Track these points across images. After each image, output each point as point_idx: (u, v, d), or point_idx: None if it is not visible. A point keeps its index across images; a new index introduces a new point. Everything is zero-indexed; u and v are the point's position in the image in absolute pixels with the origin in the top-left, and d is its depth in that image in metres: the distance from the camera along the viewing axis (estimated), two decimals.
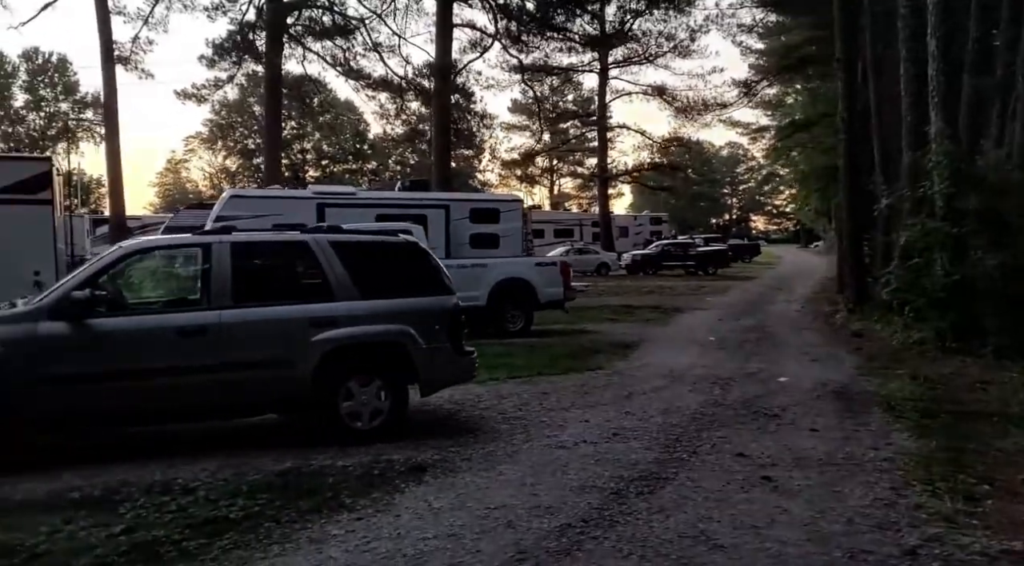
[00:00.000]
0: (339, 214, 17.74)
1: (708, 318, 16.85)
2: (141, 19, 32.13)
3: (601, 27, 36.85)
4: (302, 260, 6.11)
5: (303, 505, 4.65)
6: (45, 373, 5.32)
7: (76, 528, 4.27)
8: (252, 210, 17.53)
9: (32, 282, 10.37)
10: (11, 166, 10.82)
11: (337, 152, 76.73)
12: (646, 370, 9.75)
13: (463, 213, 18.48)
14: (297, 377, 5.87)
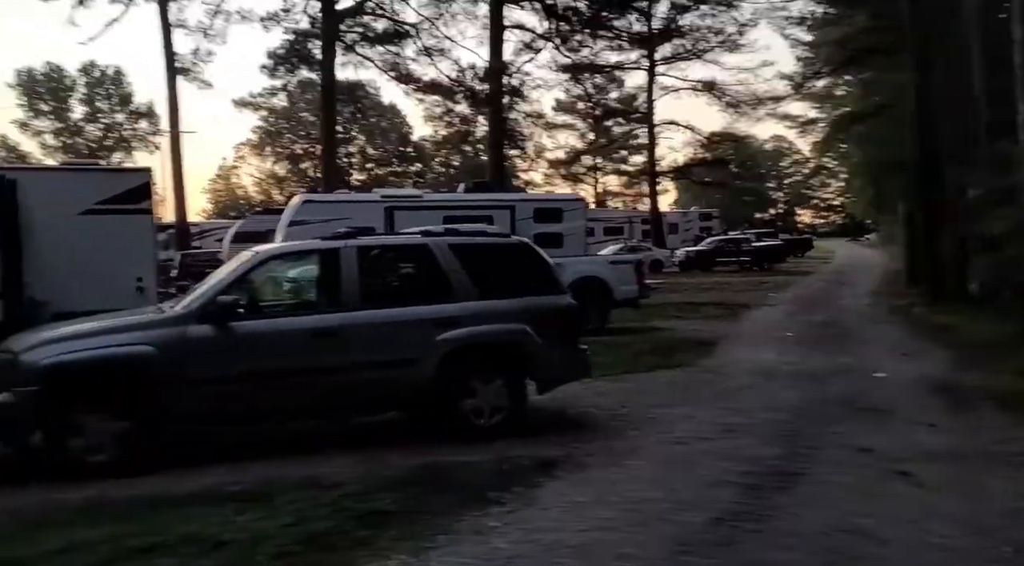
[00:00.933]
0: (407, 217, 18.08)
1: (777, 314, 16.70)
2: (201, 31, 33.14)
3: (648, 24, 36.66)
4: (423, 262, 6.32)
5: (450, 499, 4.84)
6: (194, 374, 5.62)
7: (247, 519, 4.52)
8: (323, 214, 17.99)
9: (135, 288, 10.91)
10: (114, 177, 11.29)
11: (382, 155, 77.65)
12: (734, 367, 9.76)
13: (527, 213, 18.65)
14: (421, 376, 6.07)
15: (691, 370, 9.62)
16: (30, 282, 10.01)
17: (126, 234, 10.78)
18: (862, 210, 72.86)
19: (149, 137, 72.33)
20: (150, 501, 4.90)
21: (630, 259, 15.55)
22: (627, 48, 35.73)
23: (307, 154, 75.61)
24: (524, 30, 31.71)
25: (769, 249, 35.29)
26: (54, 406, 5.34)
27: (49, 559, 4.05)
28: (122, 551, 4.11)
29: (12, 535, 4.40)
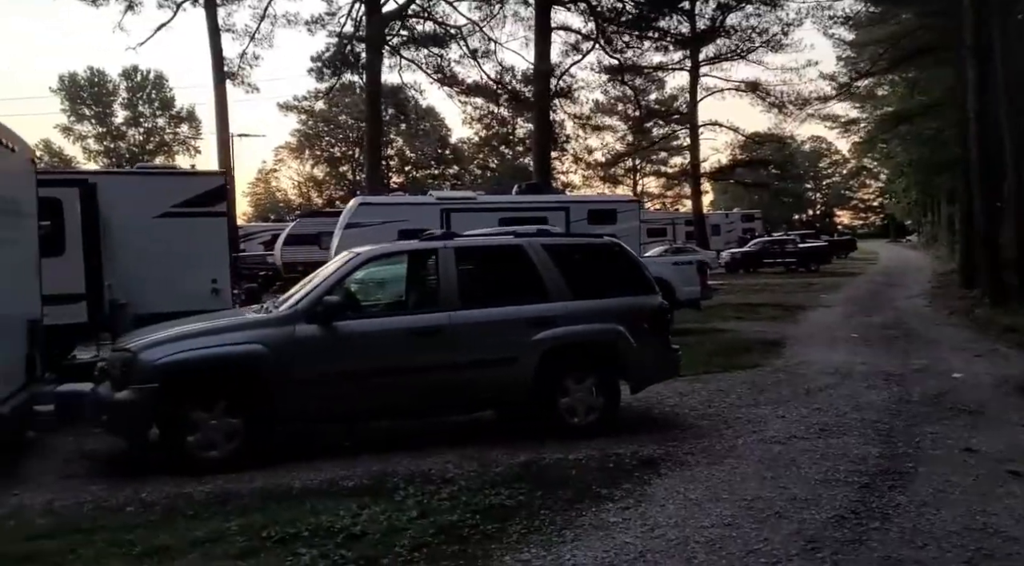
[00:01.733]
0: (463, 219, 18.27)
1: (836, 315, 16.50)
2: (248, 36, 33.77)
3: (692, 24, 36.36)
4: (518, 263, 6.42)
5: (563, 495, 4.92)
6: (301, 373, 5.78)
7: (373, 513, 4.65)
8: (380, 217, 18.30)
9: (210, 290, 11.21)
10: (191, 181, 11.62)
11: (420, 158, 78.21)
12: (808, 367, 9.69)
13: (581, 215, 18.71)
14: (519, 375, 6.18)
15: (765, 370, 9.58)
16: (112, 284, 10.37)
17: (202, 236, 11.08)
18: (904, 211, 71.54)
19: (190, 141, 74.10)
20: (271, 495, 5.08)
21: (693, 260, 15.48)
22: (671, 49, 35.46)
23: (345, 157, 76.47)
24: (569, 31, 31.80)
25: (815, 250, 34.81)
26: (170, 403, 5.54)
27: (194, 547, 4.22)
28: (260, 542, 4.27)
29: (153, 524, 4.60)
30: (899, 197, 51.89)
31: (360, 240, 18.03)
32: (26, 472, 5.79)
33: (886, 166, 51.75)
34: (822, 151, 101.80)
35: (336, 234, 18.45)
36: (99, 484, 5.44)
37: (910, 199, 50.37)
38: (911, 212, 68.52)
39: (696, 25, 34.16)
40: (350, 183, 76.94)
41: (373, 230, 18.05)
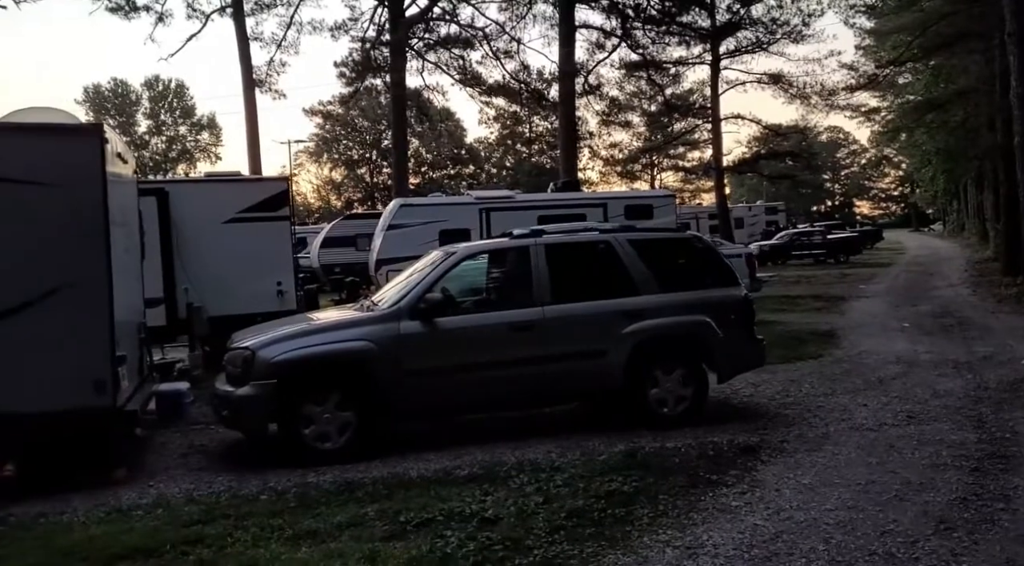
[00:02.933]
0: (502, 218, 18.47)
1: (880, 305, 16.51)
2: (275, 43, 34.17)
3: (712, 18, 36.32)
4: (605, 257, 6.59)
5: (676, 481, 5.10)
6: (406, 368, 6.00)
7: (498, 498, 4.86)
8: (421, 217, 18.54)
9: (276, 292, 11.49)
10: (256, 186, 11.91)
11: (436, 158, 78.49)
12: (870, 357, 9.78)
13: (618, 210, 18.84)
14: (610, 366, 6.36)
15: (828, 360, 9.69)
16: (188, 288, 10.68)
17: (267, 240, 11.36)
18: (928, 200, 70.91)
19: (211, 148, 74.94)
20: (392, 483, 5.30)
21: (743, 253, 15.58)
22: (692, 43, 35.44)
23: (363, 160, 76.85)
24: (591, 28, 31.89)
25: (844, 241, 34.65)
26: (287, 398, 5.78)
27: (340, 531, 4.45)
28: (400, 526, 4.49)
29: (293, 510, 4.83)
30: (926, 186, 51.41)
31: (402, 241, 18.38)
32: (151, 465, 6.07)
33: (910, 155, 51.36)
34: (839, 141, 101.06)
35: (378, 236, 18.71)
36: (225, 475, 5.70)
37: (936, 188, 49.91)
38: (935, 201, 67.92)
39: (716, 18, 34.18)
40: (367, 185, 77.26)
41: (415, 231, 18.33)
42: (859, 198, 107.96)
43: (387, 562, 3.99)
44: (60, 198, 5.37)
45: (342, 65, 36.11)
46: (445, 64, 34.59)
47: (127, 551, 4.27)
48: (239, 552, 4.22)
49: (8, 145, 5.35)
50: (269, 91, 35.89)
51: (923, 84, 38.24)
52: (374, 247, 18.74)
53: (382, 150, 74.34)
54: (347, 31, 34.73)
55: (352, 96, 41.35)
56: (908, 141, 44.39)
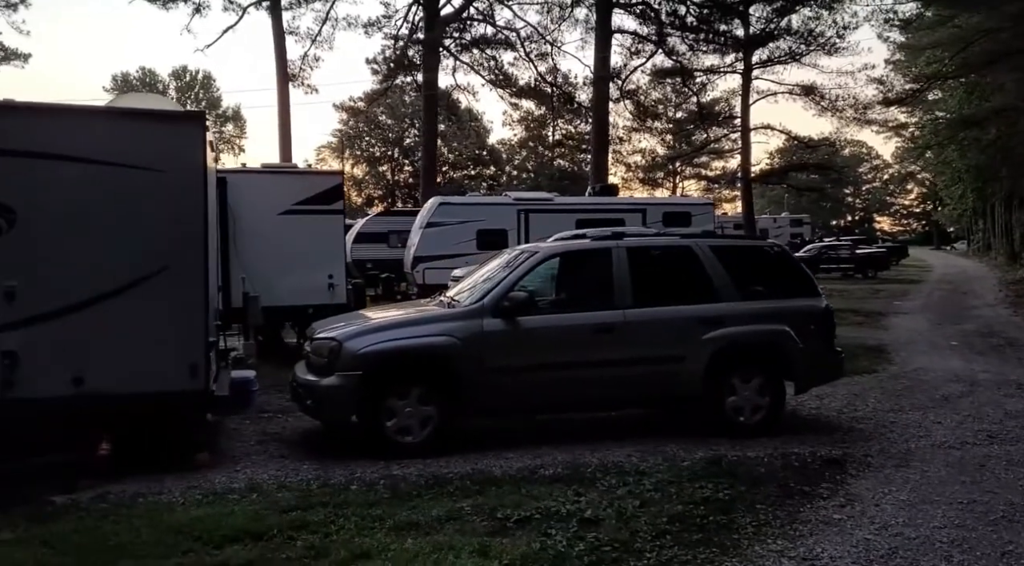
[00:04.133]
0: (540, 220, 18.51)
1: (921, 322, 16.36)
2: (310, 38, 34.35)
3: (745, 28, 36.19)
4: (686, 263, 6.57)
5: (767, 490, 5.07)
6: (488, 366, 6.00)
7: (591, 499, 4.85)
8: (459, 216, 18.60)
9: (327, 285, 11.53)
10: (311, 180, 11.96)
11: (457, 159, 78.69)
12: (928, 374, 9.69)
13: (656, 216, 18.83)
14: (689, 373, 6.33)
15: (885, 375, 9.61)
16: (244, 277, 10.73)
17: (320, 233, 11.40)
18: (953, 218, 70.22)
19: (235, 139, 75.44)
20: (479, 479, 5.29)
21: None
22: (725, 52, 35.32)
23: (385, 157, 77.14)
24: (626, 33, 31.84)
25: (872, 256, 34.41)
26: (371, 390, 5.79)
27: (440, 524, 4.46)
28: (499, 522, 4.50)
29: (386, 501, 4.85)
30: (954, 204, 50.90)
31: (440, 239, 18.43)
32: (231, 451, 6.10)
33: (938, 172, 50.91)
34: (862, 156, 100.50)
35: (416, 233, 18.77)
36: (309, 463, 5.73)
37: (965, 205, 49.48)
38: (959, 219, 67.26)
39: (750, 28, 34.06)
40: (388, 183, 77.47)
41: (452, 229, 18.38)
42: (880, 214, 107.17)
43: (499, 557, 3.99)
44: (163, 183, 5.41)
45: (373, 62, 36.33)
46: (478, 64, 34.72)
47: (235, 533, 4.29)
48: (346, 540, 4.24)
49: (116, 131, 5.41)
50: (302, 86, 36.10)
51: (956, 101, 37.93)
52: (411, 244, 18.80)
53: (404, 148, 74.57)
54: (380, 28, 34.92)
55: (383, 93, 41.50)
56: (938, 158, 44.03)
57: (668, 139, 52.43)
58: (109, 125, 5.47)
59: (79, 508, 4.75)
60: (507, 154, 78.72)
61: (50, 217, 5.18)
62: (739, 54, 37.40)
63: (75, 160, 5.23)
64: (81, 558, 3.96)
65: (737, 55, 37.74)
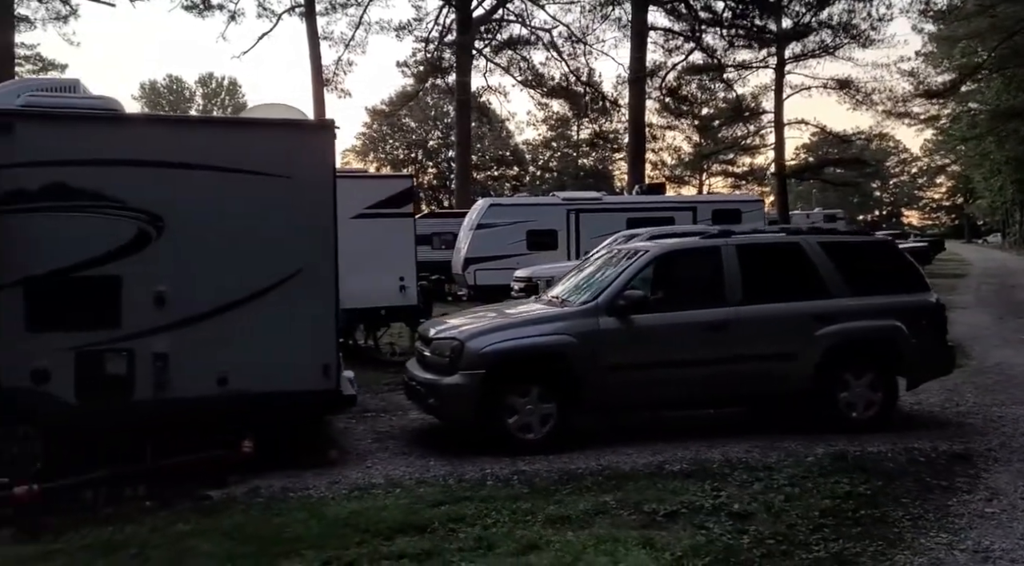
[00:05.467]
0: (590, 219, 18.60)
1: (981, 316, 16.17)
2: (343, 43, 34.69)
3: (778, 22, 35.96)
4: (796, 259, 6.61)
5: (905, 485, 5.09)
6: (604, 363, 6.08)
7: (732, 494, 4.91)
8: (508, 217, 18.73)
9: (398, 287, 11.69)
10: (381, 183, 12.15)
11: (481, 160, 78.85)
12: (1013, 369, 9.60)
13: (706, 214, 18.83)
14: (801, 369, 6.37)
15: (969, 370, 9.52)
16: None
17: (391, 236, 11.55)
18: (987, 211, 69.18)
19: None
20: (611, 475, 5.38)
21: None
22: (758, 47, 35.13)
23: (409, 159, 77.55)
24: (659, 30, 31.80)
25: (914, 251, 33.96)
26: (493, 388, 5.90)
27: (589, 518, 4.55)
28: (647, 516, 4.58)
29: (527, 496, 4.94)
30: (993, 196, 50.18)
31: (490, 240, 18.56)
32: (356, 449, 6.23)
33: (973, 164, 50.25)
34: (890, 149, 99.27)
35: (465, 235, 18.93)
36: (434, 459, 5.85)
37: (1004, 198, 48.79)
38: (995, 211, 66.32)
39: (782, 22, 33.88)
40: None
41: (502, 230, 18.52)
42: (908, 208, 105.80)
43: (666, 549, 4.07)
44: (296, 189, 5.57)
45: (404, 65, 36.60)
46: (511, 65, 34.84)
47: (398, 526, 4.42)
48: (506, 533, 4.34)
49: (252, 140, 5.57)
50: (335, 90, 36.44)
51: (993, 92, 37.44)
52: (461, 246, 18.96)
53: (428, 150, 74.87)
54: (411, 31, 35.19)
55: (414, 96, 41.78)
56: (975, 150, 43.53)
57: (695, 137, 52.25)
58: (245, 135, 5.64)
59: (236, 502, 4.90)
60: (531, 154, 78.75)
61: (194, 224, 5.36)
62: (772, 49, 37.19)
63: (216, 169, 5.41)
64: (264, 548, 4.10)
65: (770, 50, 37.53)
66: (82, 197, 5.12)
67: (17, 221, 5.00)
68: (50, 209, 5.07)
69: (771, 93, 39.16)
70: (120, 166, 5.20)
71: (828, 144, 46.07)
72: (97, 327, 5.17)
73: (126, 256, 5.22)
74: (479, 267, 18.28)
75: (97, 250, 5.16)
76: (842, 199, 79.46)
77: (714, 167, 68.45)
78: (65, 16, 23.68)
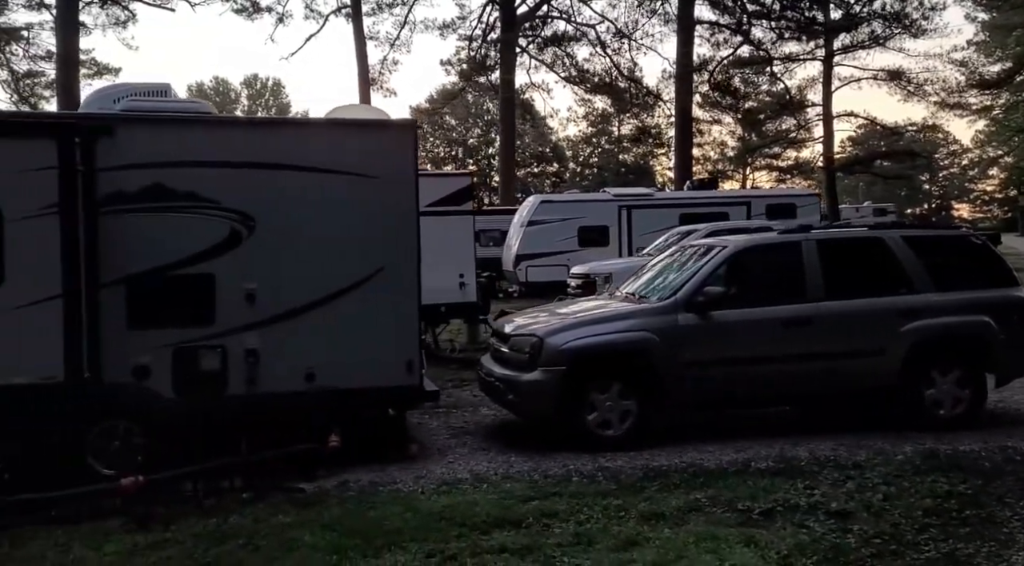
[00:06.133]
0: (642, 215, 18.47)
1: None
2: (389, 43, 35.04)
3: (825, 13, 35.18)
4: (879, 254, 6.47)
5: (1007, 484, 4.94)
6: (683, 360, 6.04)
7: (827, 493, 4.83)
8: (559, 214, 18.69)
9: (458, 284, 11.76)
10: (442, 181, 12.25)
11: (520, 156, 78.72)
12: None
13: (760, 209, 18.55)
14: (886, 365, 6.23)
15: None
16: None
17: (451, 233, 11.62)
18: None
19: None
20: (696, 472, 5.34)
21: None
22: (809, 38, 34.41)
23: (449, 157, 77.93)
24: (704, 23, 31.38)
25: None
26: (573, 385, 5.90)
27: (683, 514, 4.52)
28: (741, 513, 4.53)
29: (614, 493, 4.93)
30: None
31: (542, 237, 18.55)
32: (435, 444, 6.30)
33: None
34: (938, 141, 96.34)
35: (516, 231, 18.96)
36: (515, 456, 5.88)
37: None
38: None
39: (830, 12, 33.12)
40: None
41: (553, 227, 18.50)
42: (958, 200, 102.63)
43: (770, 547, 4.02)
44: (379, 188, 5.65)
45: (447, 63, 36.80)
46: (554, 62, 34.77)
47: (493, 520, 4.45)
48: (601, 529, 4.33)
49: (337, 140, 5.67)
50: (381, 89, 36.82)
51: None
52: (512, 242, 18.99)
53: (468, 148, 75.13)
54: (455, 30, 35.36)
55: (458, 94, 41.99)
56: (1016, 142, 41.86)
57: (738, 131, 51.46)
58: (331, 135, 5.74)
59: (328, 495, 5.00)
60: (571, 150, 78.50)
61: (284, 224, 5.46)
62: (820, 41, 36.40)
63: (303, 169, 5.51)
64: (367, 541, 4.17)
65: (818, 42, 36.75)
66: (178, 198, 5.27)
67: (118, 221, 5.16)
68: (148, 209, 5.23)
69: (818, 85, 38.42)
70: (214, 167, 5.33)
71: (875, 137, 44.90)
72: (192, 324, 5.31)
73: (219, 255, 5.35)
74: (530, 264, 18.29)
75: (192, 249, 5.31)
76: (889, 192, 77.44)
77: (758, 161, 67.53)
78: (124, 21, 24.44)
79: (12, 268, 4.83)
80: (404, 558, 3.98)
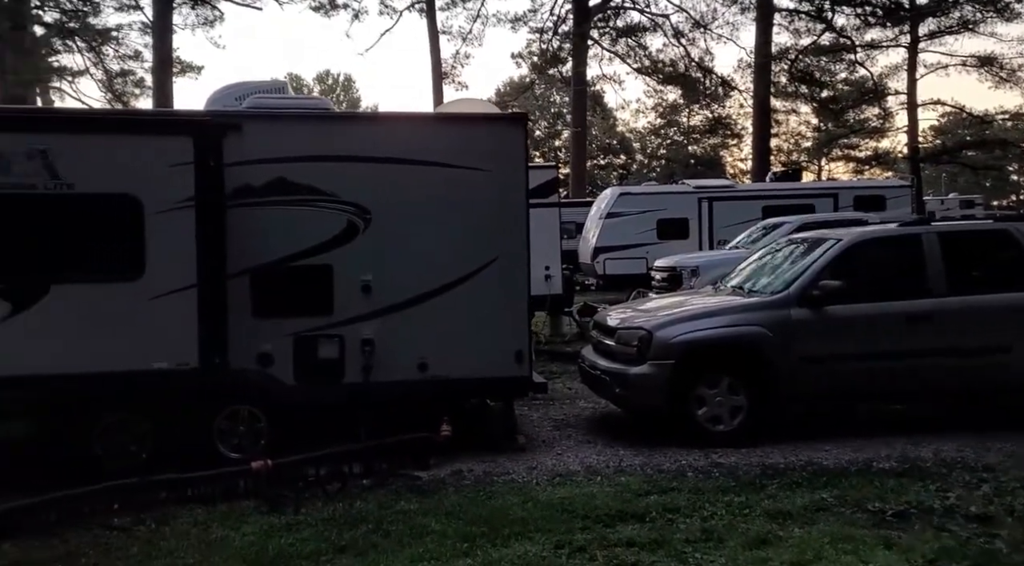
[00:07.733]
0: (724, 207, 18.06)
1: None
2: (461, 37, 35.30)
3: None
4: (1006, 248, 6.15)
5: None
6: (797, 354, 5.87)
7: (963, 495, 4.62)
8: (639, 206, 18.43)
9: (543, 277, 11.76)
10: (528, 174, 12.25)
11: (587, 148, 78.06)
12: None
13: (848, 201, 17.88)
14: (1017, 363, 5.92)
15: None
16: None
17: (537, 226, 11.53)
18: None
19: None
20: (816, 470, 5.18)
21: None
22: (893, 24, 32.93)
23: None
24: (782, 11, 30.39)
25: None
26: (681, 378, 5.82)
27: (809, 514, 4.40)
28: (872, 515, 4.38)
29: (734, 490, 4.83)
30: None
31: (621, 229, 18.34)
32: (540, 437, 6.32)
33: None
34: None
35: (594, 224, 18.80)
36: (623, 449, 5.84)
37: None
38: None
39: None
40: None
41: (632, 219, 18.27)
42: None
43: (913, 550, 3.87)
44: (490, 181, 5.69)
45: (518, 56, 36.81)
46: (626, 54, 34.35)
47: (615, 514, 4.42)
48: (727, 525, 4.25)
49: (449, 134, 5.74)
50: (453, 82, 37.12)
51: None
52: (590, 235, 18.85)
53: (535, 140, 75.04)
54: (526, 23, 35.33)
55: (529, 87, 41.98)
56: None
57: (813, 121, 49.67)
58: (443, 130, 5.81)
59: (444, 483, 5.07)
60: (638, 142, 77.49)
61: (398, 216, 5.57)
62: (905, 27, 34.81)
63: (416, 163, 5.60)
64: (493, 528, 4.21)
65: (902, 28, 35.14)
66: (299, 191, 5.43)
67: (244, 214, 5.36)
68: (272, 203, 5.41)
69: (902, 73, 36.73)
70: (333, 161, 5.48)
71: (961, 125, 42.71)
72: (312, 314, 5.48)
73: (337, 247, 5.50)
74: (608, 256, 18.13)
75: (312, 241, 5.47)
76: (974, 183, 73.56)
77: (835, 152, 65.16)
78: (212, 20, 25.41)
79: (152, 259, 5.07)
80: (533, 549, 3.99)
